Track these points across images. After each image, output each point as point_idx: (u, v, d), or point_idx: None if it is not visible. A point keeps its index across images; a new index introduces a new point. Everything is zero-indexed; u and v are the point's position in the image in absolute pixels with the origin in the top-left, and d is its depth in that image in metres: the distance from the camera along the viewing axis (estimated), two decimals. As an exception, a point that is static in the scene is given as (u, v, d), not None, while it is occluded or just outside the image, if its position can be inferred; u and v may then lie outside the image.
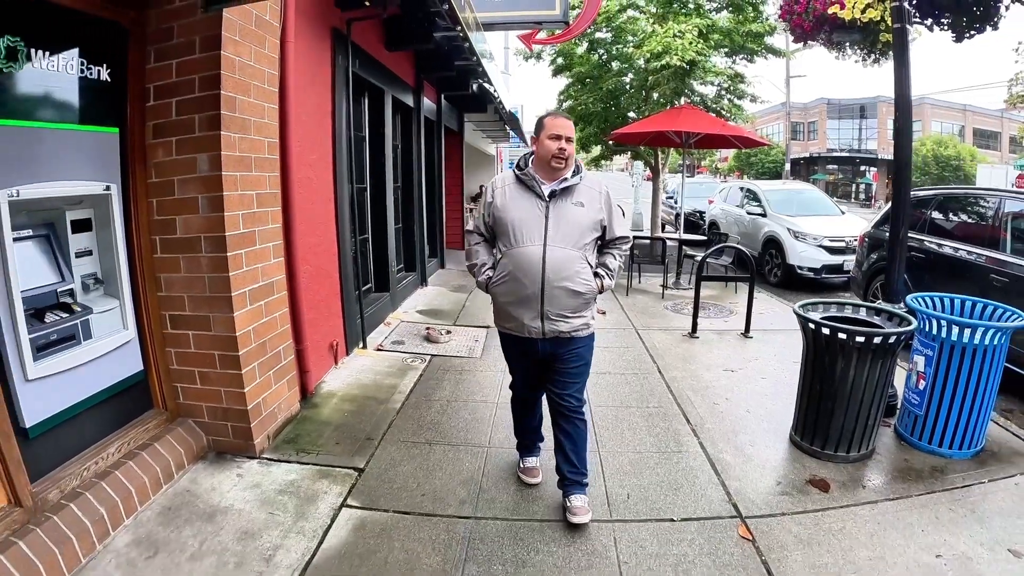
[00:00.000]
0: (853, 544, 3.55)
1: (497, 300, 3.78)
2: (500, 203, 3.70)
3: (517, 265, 3.60)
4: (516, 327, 3.73)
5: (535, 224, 3.60)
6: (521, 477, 4.23)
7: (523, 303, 3.64)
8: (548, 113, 3.80)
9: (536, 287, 3.57)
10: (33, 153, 3.28)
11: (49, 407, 3.45)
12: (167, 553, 3.36)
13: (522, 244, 3.60)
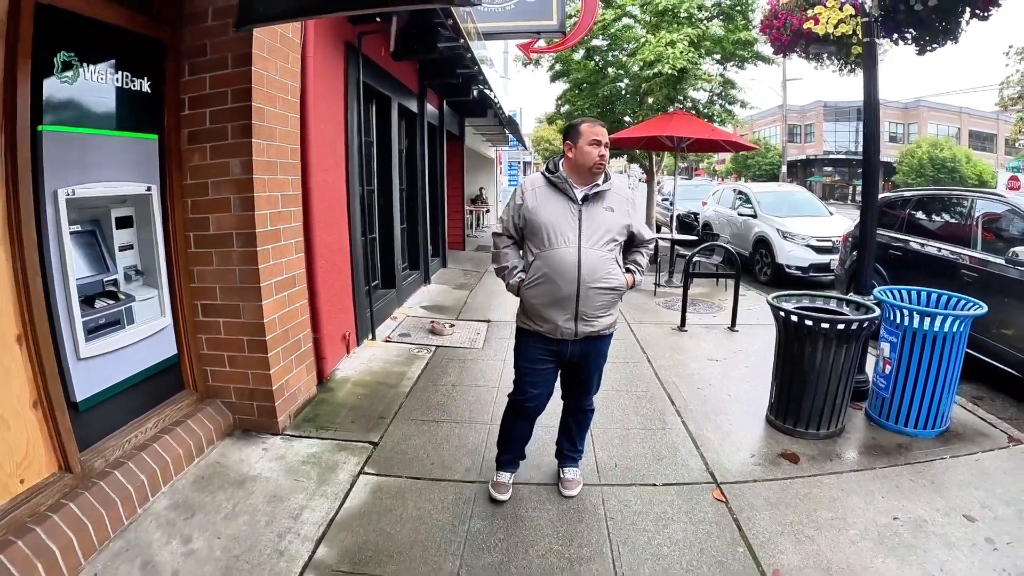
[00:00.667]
0: (817, 506, 3.99)
1: (529, 302, 3.77)
2: (532, 205, 3.71)
3: (552, 267, 3.63)
4: (550, 329, 3.75)
5: (569, 226, 3.65)
6: (492, 493, 4.06)
7: (558, 304, 3.67)
8: (583, 120, 3.86)
9: (572, 288, 3.62)
10: (86, 157, 3.71)
11: (96, 384, 3.86)
12: (203, 514, 3.78)
13: (556, 246, 3.63)
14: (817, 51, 6.16)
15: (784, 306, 5.01)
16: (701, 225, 16.63)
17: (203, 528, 3.65)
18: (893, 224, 8.73)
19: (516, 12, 9.43)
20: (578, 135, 3.71)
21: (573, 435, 4.20)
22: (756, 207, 14.27)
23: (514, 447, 4.18)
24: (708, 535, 3.67)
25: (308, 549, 3.47)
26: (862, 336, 4.89)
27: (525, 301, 3.81)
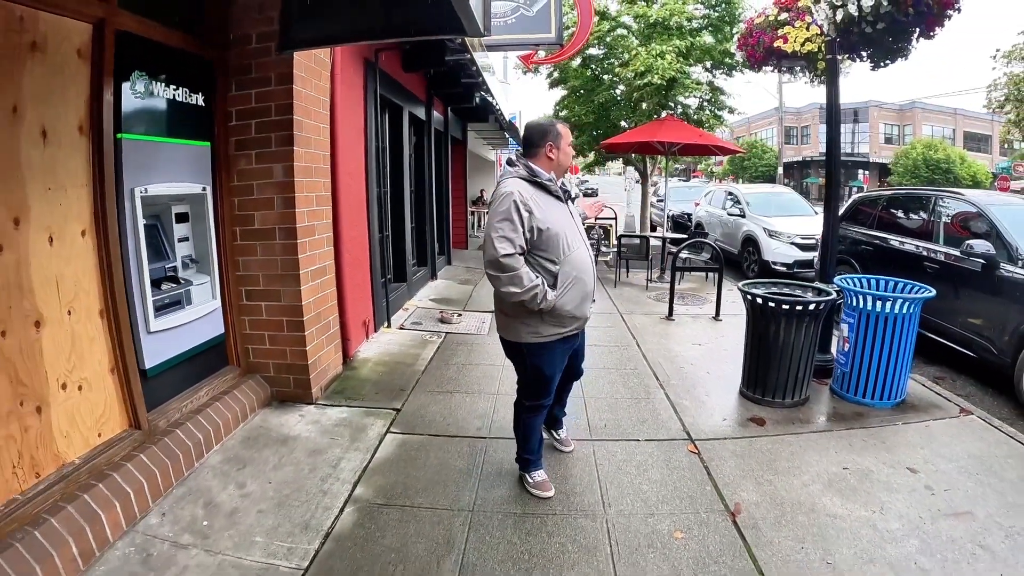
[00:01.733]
0: (776, 458, 4.68)
1: (563, 310, 3.72)
2: (541, 216, 3.63)
3: (579, 269, 3.74)
4: (579, 325, 3.92)
5: (573, 226, 3.81)
6: (534, 492, 4.12)
7: (586, 300, 3.83)
8: (556, 122, 3.96)
9: (592, 281, 3.85)
10: (154, 161, 4.40)
11: (162, 354, 4.53)
12: (253, 466, 4.47)
13: (574, 249, 3.73)
14: (787, 65, 6.81)
15: (752, 291, 5.70)
16: (694, 225, 17.27)
17: (255, 476, 4.33)
18: (867, 222, 9.45)
19: (517, 25, 10.04)
20: (559, 137, 3.84)
21: (564, 399, 4.62)
22: (744, 207, 14.90)
23: (540, 442, 4.23)
24: (681, 478, 4.36)
25: (347, 489, 4.17)
26: (820, 316, 5.57)
27: (560, 311, 3.71)
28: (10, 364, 3.28)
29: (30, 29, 3.37)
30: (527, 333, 3.78)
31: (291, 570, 3.35)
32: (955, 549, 3.56)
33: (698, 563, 3.43)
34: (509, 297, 3.63)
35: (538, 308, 3.63)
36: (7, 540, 3.02)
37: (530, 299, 3.59)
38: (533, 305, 3.61)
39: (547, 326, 3.75)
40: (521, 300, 3.60)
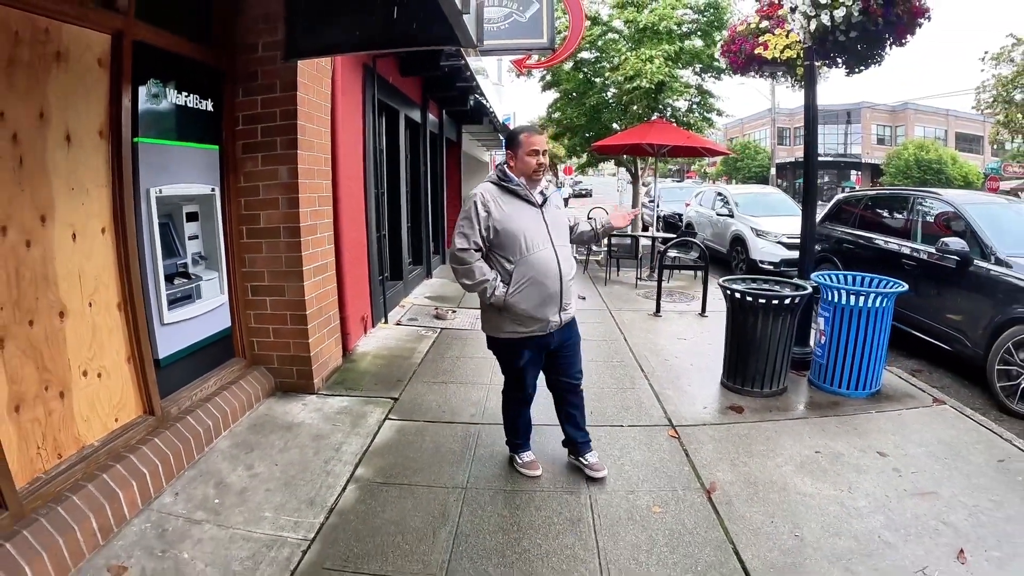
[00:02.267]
0: (752, 442, 4.98)
1: (517, 308, 3.90)
2: (500, 215, 3.88)
3: (538, 271, 3.87)
4: (540, 327, 3.98)
5: (539, 229, 3.92)
6: (524, 472, 4.42)
7: (547, 303, 3.92)
8: (523, 129, 4.10)
9: (557, 285, 3.92)
10: (168, 163, 4.67)
11: (174, 345, 4.80)
12: (261, 449, 4.75)
13: (535, 251, 3.87)
14: (768, 71, 7.12)
15: (732, 286, 6.01)
16: (684, 225, 17.56)
17: (262, 459, 4.61)
18: (849, 221, 9.78)
19: (510, 31, 10.29)
20: (518, 145, 4.00)
21: (577, 420, 4.42)
22: (733, 207, 15.22)
23: (524, 428, 4.48)
24: (661, 459, 4.67)
25: (349, 469, 4.46)
26: (795, 310, 5.87)
27: (512, 308, 3.92)
28: (36, 351, 3.54)
29: (55, 40, 3.64)
30: (490, 328, 4.13)
31: (298, 540, 3.63)
32: (918, 525, 3.84)
33: (673, 534, 3.73)
34: (464, 288, 4.06)
35: (489, 302, 3.94)
36: (32, 516, 3.27)
37: (480, 292, 3.96)
38: (484, 298, 3.96)
39: (506, 323, 4.00)
40: (473, 292, 4.03)
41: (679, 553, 3.56)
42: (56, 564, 3.20)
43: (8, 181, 3.34)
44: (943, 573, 3.37)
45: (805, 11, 5.51)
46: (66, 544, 3.28)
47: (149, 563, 3.40)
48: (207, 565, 3.41)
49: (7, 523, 3.15)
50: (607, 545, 3.60)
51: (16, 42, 3.38)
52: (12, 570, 2.96)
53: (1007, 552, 3.55)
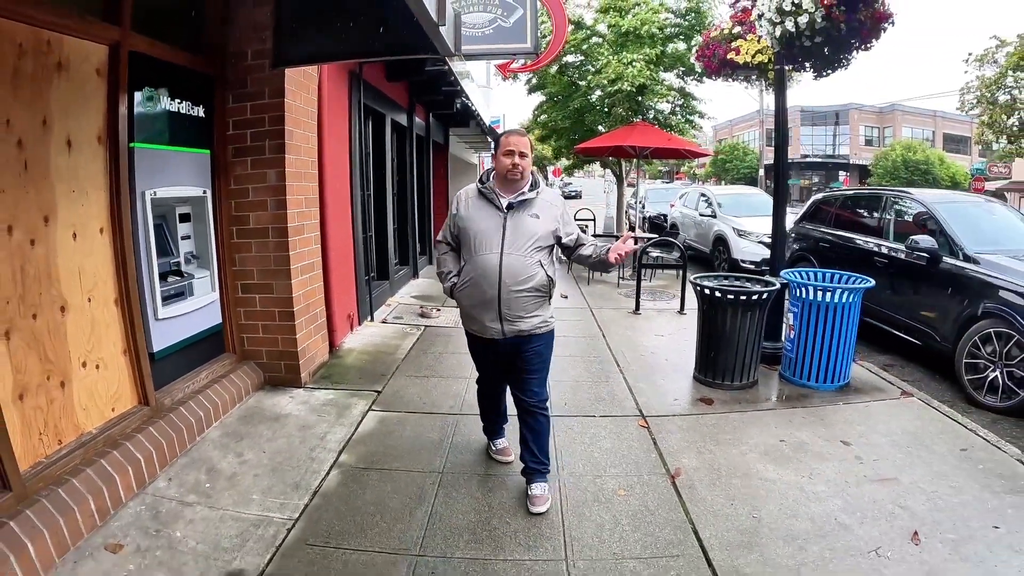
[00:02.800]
0: (719, 432, 5.24)
1: (461, 304, 4.10)
2: (464, 214, 4.02)
3: (478, 272, 3.90)
4: (479, 328, 4.07)
5: (494, 234, 3.89)
6: (496, 458, 4.68)
7: (483, 306, 3.94)
8: (506, 131, 4.14)
9: (494, 291, 3.87)
10: (162, 166, 4.90)
11: (167, 339, 5.03)
12: (250, 439, 4.99)
13: (481, 252, 3.90)
14: (741, 75, 7.39)
15: (703, 283, 6.28)
16: (669, 225, 17.86)
17: (251, 447, 4.85)
18: (825, 220, 10.09)
19: (494, 36, 10.51)
20: (497, 145, 4.05)
21: (530, 443, 4.20)
22: (716, 208, 15.57)
23: (494, 420, 4.71)
24: (630, 447, 4.93)
25: (333, 456, 4.72)
26: (764, 305, 6.15)
27: (458, 303, 4.15)
28: (39, 343, 3.77)
29: (56, 51, 3.87)
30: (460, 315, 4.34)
31: (284, 520, 3.88)
32: (875, 509, 4.08)
33: (636, 515, 3.99)
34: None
35: (444, 289, 4.27)
36: (34, 497, 3.49)
37: (440, 279, 4.31)
38: (443, 285, 4.28)
39: (462, 315, 4.26)
40: (440, 279, 4.33)
41: (641, 532, 3.82)
42: (56, 542, 3.41)
43: (14, 184, 3.56)
44: (896, 553, 3.60)
45: (771, 18, 5.76)
46: (66, 524, 3.50)
47: (144, 541, 3.64)
48: (198, 543, 3.65)
49: (11, 503, 3.36)
50: (572, 524, 3.86)
51: (20, 53, 3.61)
52: (15, 546, 3.17)
53: (962, 535, 3.77)
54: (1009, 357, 6.15)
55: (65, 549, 3.48)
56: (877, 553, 3.60)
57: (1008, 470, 4.60)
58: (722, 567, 3.48)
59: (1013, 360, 6.10)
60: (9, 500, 3.36)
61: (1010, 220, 8.27)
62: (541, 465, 4.21)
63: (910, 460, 4.77)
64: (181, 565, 3.45)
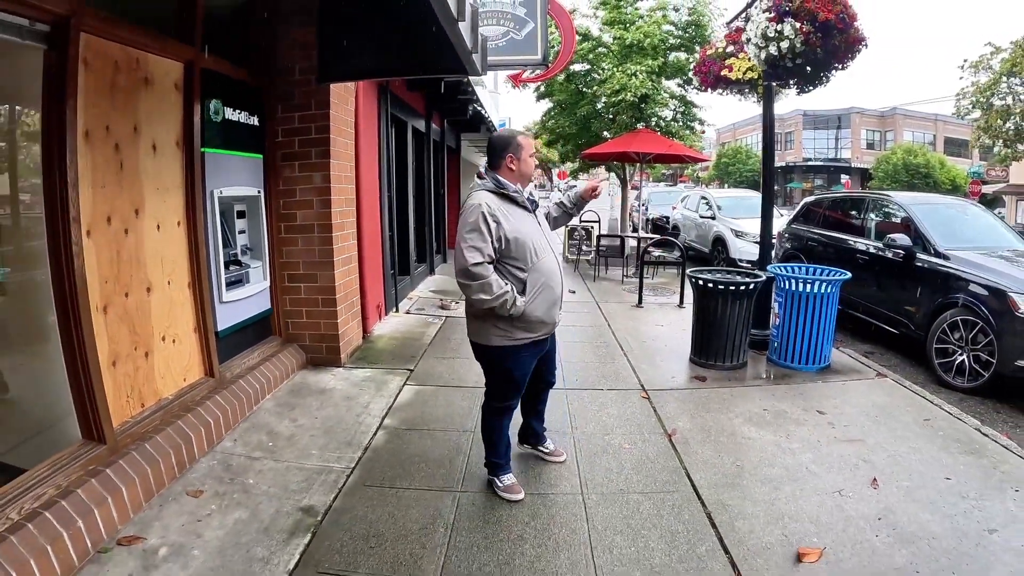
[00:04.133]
0: (710, 403, 5.96)
1: (532, 315, 3.85)
2: (510, 226, 3.76)
3: (547, 275, 3.88)
4: (548, 329, 4.04)
5: (540, 235, 3.93)
6: (505, 496, 4.21)
7: (555, 305, 3.99)
8: (518, 133, 4.09)
9: (560, 287, 4.01)
10: (225, 169, 5.63)
11: (229, 320, 5.75)
12: (301, 408, 5.71)
13: (542, 256, 3.87)
14: (734, 89, 8.10)
15: (698, 275, 7.01)
16: (671, 227, 18.55)
17: (303, 414, 5.57)
18: (814, 221, 10.81)
19: (506, 48, 11.23)
20: (520, 148, 3.93)
21: (542, 414, 4.69)
22: (715, 210, 16.29)
23: (506, 446, 4.34)
24: (633, 413, 5.66)
25: (377, 421, 5.44)
26: (752, 295, 6.88)
27: (527, 316, 3.83)
28: (130, 318, 4.47)
29: (143, 68, 4.59)
30: (497, 336, 3.91)
31: (342, 468, 4.60)
32: (841, 462, 4.78)
33: (639, 463, 4.72)
34: (480, 304, 3.77)
35: (508, 314, 3.76)
36: (124, 450, 4.16)
37: (499, 306, 3.72)
38: (503, 312, 3.74)
39: (517, 330, 3.87)
40: (491, 307, 3.74)
41: (642, 475, 4.55)
42: (144, 488, 4.08)
43: (112, 182, 4.27)
44: (856, 494, 4.29)
45: (757, 43, 6.49)
46: (152, 473, 4.17)
47: (220, 487, 4.33)
48: (269, 487, 4.35)
49: (105, 454, 4.02)
50: (585, 469, 4.58)
51: (116, 70, 4.31)
52: (111, 490, 3.81)
53: (915, 483, 4.46)
54: (975, 342, 6.87)
55: (151, 495, 4.14)
56: (840, 493, 4.29)
57: (965, 436, 5.29)
58: (709, 500, 4.20)
59: (978, 345, 6.83)
60: (104, 452, 4.01)
61: (983, 220, 9.03)
62: (545, 428, 4.79)
63: (877, 427, 5.46)
64: (257, 504, 4.13)
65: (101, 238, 4.16)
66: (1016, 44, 27.35)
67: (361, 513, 4.03)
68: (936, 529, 3.86)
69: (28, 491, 3.44)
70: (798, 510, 4.09)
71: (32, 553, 3.10)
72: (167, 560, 3.50)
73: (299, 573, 3.42)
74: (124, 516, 3.84)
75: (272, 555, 3.57)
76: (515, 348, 3.95)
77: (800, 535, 3.80)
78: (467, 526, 3.90)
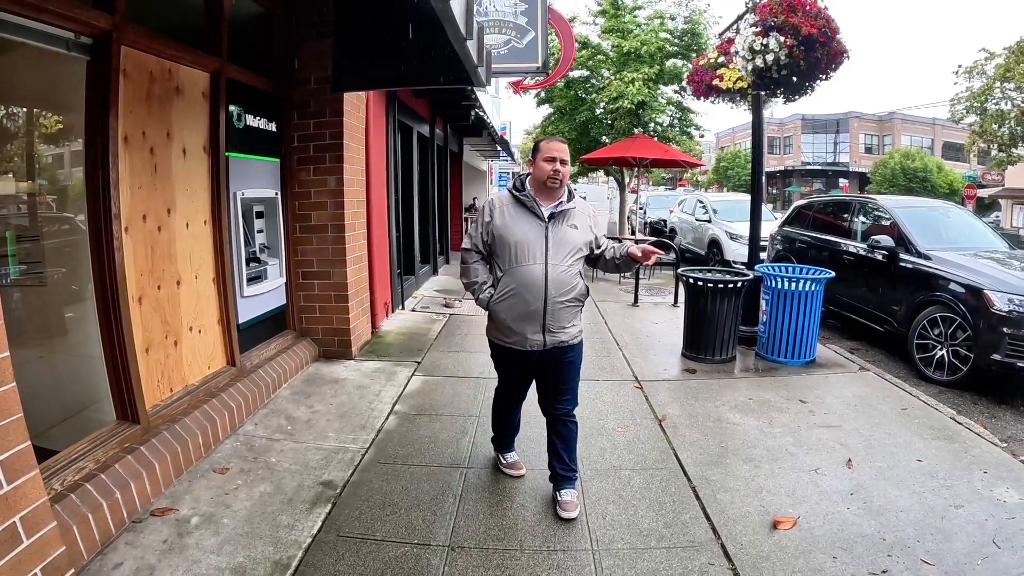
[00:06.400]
0: (699, 392, 6.35)
1: (498, 316, 3.92)
2: (500, 223, 3.83)
3: (521, 283, 3.77)
4: (518, 341, 3.89)
5: (536, 244, 3.76)
6: (507, 472, 4.57)
7: (526, 318, 3.81)
8: (544, 137, 4.11)
9: (539, 303, 3.76)
10: (246, 171, 6.01)
11: (249, 314, 6.14)
12: (316, 396, 6.09)
13: (524, 263, 3.76)
14: (726, 97, 8.48)
15: (689, 274, 7.41)
16: (668, 230, 18.95)
17: (319, 401, 5.95)
18: (804, 224, 11.19)
19: (508, 56, 11.65)
20: (537, 151, 3.90)
21: (560, 451, 4.19)
22: (711, 214, 16.68)
23: (509, 431, 4.63)
24: (626, 401, 6.06)
25: (388, 407, 5.83)
26: (740, 292, 7.28)
27: (494, 315, 3.96)
28: (162, 309, 4.85)
29: (175, 78, 4.97)
30: (488, 327, 4.17)
31: (358, 448, 4.98)
32: (819, 444, 5.17)
33: (631, 444, 5.12)
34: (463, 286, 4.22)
35: (476, 301, 4.06)
36: (155, 430, 4.51)
37: (470, 290, 4.09)
38: (474, 298, 4.09)
39: (493, 328, 4.07)
40: (468, 289, 4.12)
41: (634, 454, 4.95)
42: (174, 465, 4.44)
43: (148, 183, 4.64)
44: (831, 473, 4.68)
45: (744, 55, 6.88)
46: (181, 451, 4.53)
47: (245, 465, 4.71)
48: (291, 464, 4.73)
49: (139, 434, 4.37)
50: (582, 448, 4.88)
51: (152, 79, 4.69)
52: (145, 465, 4.17)
53: (888, 463, 4.84)
54: (953, 338, 7.24)
55: (180, 472, 4.51)
56: (816, 472, 4.68)
57: (939, 424, 5.66)
58: (695, 475, 4.60)
59: (956, 340, 7.20)
60: (138, 431, 4.37)
61: (965, 223, 9.44)
62: (571, 472, 4.21)
63: (855, 414, 5.84)
64: (280, 479, 4.51)
65: (138, 234, 4.52)
66: (1010, 50, 27.74)
67: (377, 486, 4.42)
68: (905, 504, 4.23)
69: (71, 464, 3.79)
70: (776, 485, 4.48)
71: (75, 520, 3.43)
72: (199, 527, 3.87)
73: (322, 537, 3.80)
74: (156, 490, 4.21)
75: (297, 522, 3.95)
76: (493, 344, 4.16)
77: (777, 506, 4.19)
78: (474, 497, 4.30)
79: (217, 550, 3.64)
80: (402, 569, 3.51)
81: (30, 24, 3.57)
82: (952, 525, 3.98)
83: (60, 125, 4.38)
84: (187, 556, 3.58)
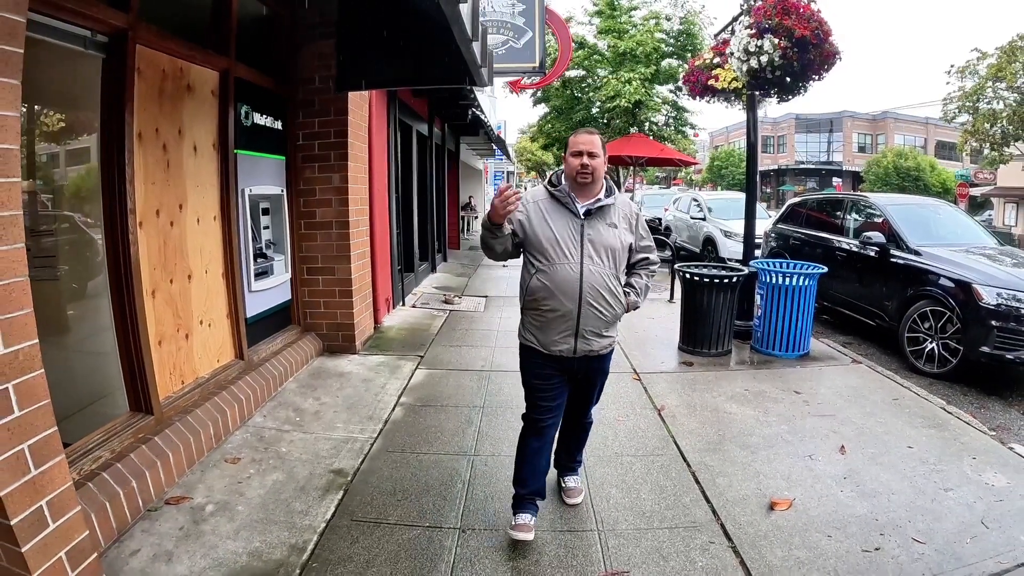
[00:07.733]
0: (696, 384, 6.51)
1: (529, 316, 3.67)
2: (533, 218, 3.59)
3: (554, 283, 3.49)
4: (548, 344, 3.61)
5: (571, 243, 3.50)
6: (512, 535, 3.69)
7: (558, 321, 3.54)
8: (575, 131, 3.75)
9: (573, 305, 3.48)
10: (253, 169, 6.13)
11: (256, 308, 6.26)
12: (323, 388, 6.22)
13: (558, 262, 3.49)
14: (721, 97, 8.64)
15: (685, 270, 7.58)
16: (664, 228, 19.12)
17: (325, 393, 6.09)
18: (798, 221, 11.37)
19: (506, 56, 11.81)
20: (566, 146, 3.68)
21: (572, 449, 4.24)
22: (706, 212, 16.91)
23: (536, 478, 3.86)
24: (626, 392, 6.21)
25: (394, 399, 5.97)
26: (735, 287, 7.45)
27: (525, 315, 3.71)
28: (174, 302, 4.96)
29: (186, 76, 5.10)
30: (520, 328, 3.82)
31: (366, 438, 5.12)
32: (813, 432, 5.34)
33: (631, 432, 5.28)
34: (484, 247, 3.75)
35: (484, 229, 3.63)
36: (168, 421, 4.63)
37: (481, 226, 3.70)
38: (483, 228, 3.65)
39: (525, 329, 3.77)
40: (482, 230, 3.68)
41: (634, 442, 5.11)
42: (187, 455, 4.56)
43: (161, 179, 4.76)
44: (825, 458, 4.84)
45: (739, 56, 7.04)
46: (194, 442, 4.65)
47: (256, 455, 4.84)
48: (301, 454, 4.86)
49: (153, 425, 4.49)
50: (584, 437, 5.12)
51: (164, 78, 4.81)
52: (159, 455, 4.28)
53: (880, 450, 5.00)
54: (943, 331, 7.42)
55: (193, 462, 4.62)
56: (811, 457, 4.84)
57: (930, 413, 5.84)
58: (694, 461, 4.76)
59: (946, 334, 7.38)
60: (151, 422, 4.48)
61: (955, 220, 9.64)
62: (576, 463, 4.28)
63: (848, 404, 6.01)
64: (292, 468, 4.64)
65: (151, 229, 4.64)
66: (1002, 50, 27.97)
67: (387, 473, 4.56)
68: (896, 487, 4.40)
69: (88, 453, 3.91)
70: (772, 470, 4.64)
71: (93, 508, 3.54)
72: (214, 515, 3.99)
73: (336, 522, 3.94)
74: (170, 479, 4.32)
75: (310, 508, 4.09)
76: (524, 347, 3.78)
77: (773, 489, 4.35)
78: (482, 482, 4.45)
79: (233, 536, 3.77)
80: (416, 549, 3.66)
81: (49, 22, 3.66)
82: (942, 507, 4.14)
83: (76, 121, 4.47)
84: (204, 542, 3.70)
